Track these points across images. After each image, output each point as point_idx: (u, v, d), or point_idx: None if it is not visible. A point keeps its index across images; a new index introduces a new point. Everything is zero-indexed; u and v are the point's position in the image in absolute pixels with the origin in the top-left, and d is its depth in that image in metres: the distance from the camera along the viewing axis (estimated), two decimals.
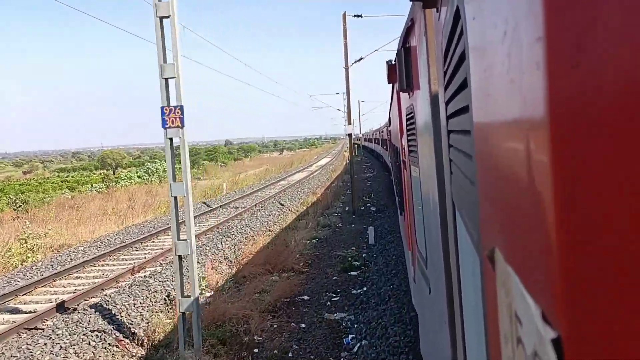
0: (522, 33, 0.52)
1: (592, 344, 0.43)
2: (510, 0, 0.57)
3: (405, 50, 3.04)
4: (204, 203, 24.62)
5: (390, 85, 5.49)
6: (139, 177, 51.14)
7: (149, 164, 59.90)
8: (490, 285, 0.82)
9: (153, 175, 50.49)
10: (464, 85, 1.06)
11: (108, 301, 9.40)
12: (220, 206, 22.84)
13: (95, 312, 8.95)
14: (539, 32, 0.46)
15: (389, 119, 11.25)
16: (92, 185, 51.75)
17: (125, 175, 51.82)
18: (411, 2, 2.43)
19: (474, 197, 0.99)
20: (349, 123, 19.72)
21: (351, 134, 20.43)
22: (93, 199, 33.89)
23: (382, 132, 28.71)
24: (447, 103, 1.51)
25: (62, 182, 67.54)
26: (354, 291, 10.36)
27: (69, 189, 51.69)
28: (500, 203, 0.72)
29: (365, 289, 10.42)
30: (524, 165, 0.54)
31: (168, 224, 18.79)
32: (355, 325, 8.48)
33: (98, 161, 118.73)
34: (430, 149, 2.16)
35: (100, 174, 75.67)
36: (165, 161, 8.43)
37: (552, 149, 0.45)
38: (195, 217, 19.48)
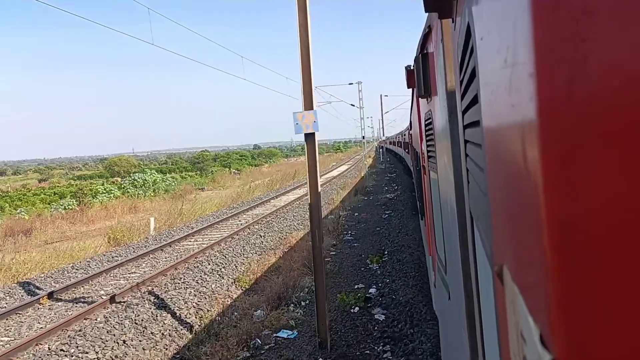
0: (519, 64, 0.54)
1: None
2: (509, 30, 0.58)
3: (423, 56, 3.08)
4: (24, 286, 12.05)
5: (410, 89, 5.26)
6: (121, 190, 41.47)
7: (137, 174, 48.98)
8: (501, 301, 0.83)
9: (141, 187, 41.38)
10: (475, 100, 1.07)
11: None
12: (51, 295, 10.71)
13: None
14: (531, 68, 0.49)
15: (410, 122, 11.10)
16: (57, 201, 42.35)
17: (104, 189, 42.42)
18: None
19: (486, 211, 0.99)
20: (308, 107, 7.29)
21: (314, 133, 7.35)
22: (53, 221, 25.42)
23: (404, 135, 26.13)
24: (463, 113, 1.50)
25: (54, 193, 58.84)
26: None
27: (49, 203, 43.01)
28: (506, 221, 0.73)
29: None
30: (523, 189, 0.56)
31: None
32: None
33: (105, 168, 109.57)
34: (448, 157, 2.15)
35: (108, 181, 67.17)
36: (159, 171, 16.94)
37: (546, 181, 0.47)
38: None
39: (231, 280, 11.40)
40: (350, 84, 35.30)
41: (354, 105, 35.67)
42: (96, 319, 9.16)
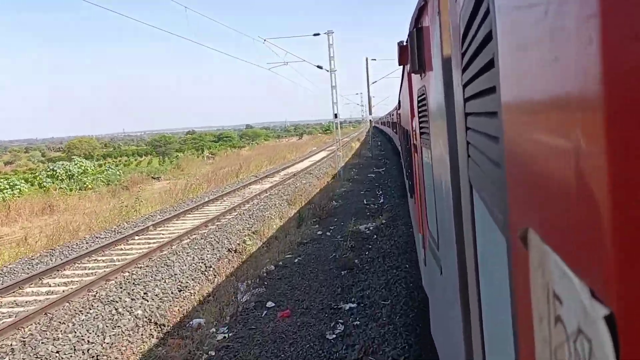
0: (569, 9, 0.50)
1: None
2: None
3: (418, 30, 3.04)
4: None
5: (401, 67, 5.25)
6: (37, 182, 33.96)
7: (60, 162, 40.94)
8: (521, 265, 0.83)
9: (65, 180, 34.63)
10: (490, 65, 1.05)
11: None
12: None
13: None
14: (593, 9, 0.44)
15: (399, 101, 10.76)
16: None
17: (8, 184, 33.02)
18: None
19: (498, 180, 0.99)
20: None
21: None
22: None
23: (392, 115, 24.97)
24: (464, 86, 1.49)
25: None
26: None
27: None
28: (535, 186, 0.72)
29: None
30: (570, 147, 0.51)
31: None
32: None
33: (64, 152, 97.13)
34: (443, 132, 2.13)
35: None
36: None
37: (607, 130, 0.43)
38: None
39: None
40: (316, 34, 23.81)
41: (321, 68, 24.26)
42: None
